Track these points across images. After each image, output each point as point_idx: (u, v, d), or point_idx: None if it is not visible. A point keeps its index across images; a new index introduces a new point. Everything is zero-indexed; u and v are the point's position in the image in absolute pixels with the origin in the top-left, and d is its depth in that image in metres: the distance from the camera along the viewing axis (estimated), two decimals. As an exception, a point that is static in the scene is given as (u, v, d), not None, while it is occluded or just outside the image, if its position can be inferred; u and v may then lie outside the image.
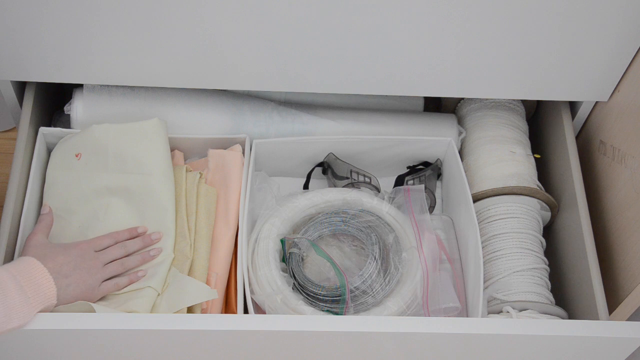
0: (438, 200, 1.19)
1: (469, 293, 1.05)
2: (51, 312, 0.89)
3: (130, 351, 0.93)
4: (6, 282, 0.83)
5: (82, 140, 1.06)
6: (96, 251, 0.96)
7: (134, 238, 1.00)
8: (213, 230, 1.05)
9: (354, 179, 1.14)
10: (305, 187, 1.18)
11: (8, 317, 0.82)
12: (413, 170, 1.19)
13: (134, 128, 1.05)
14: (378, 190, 1.15)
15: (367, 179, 1.15)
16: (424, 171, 1.17)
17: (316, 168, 1.18)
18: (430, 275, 1.03)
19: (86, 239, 0.99)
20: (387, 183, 1.18)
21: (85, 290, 0.92)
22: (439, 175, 1.20)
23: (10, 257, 0.98)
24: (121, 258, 0.97)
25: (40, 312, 0.86)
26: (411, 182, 1.15)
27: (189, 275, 1.00)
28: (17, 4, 0.94)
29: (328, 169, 1.16)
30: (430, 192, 1.15)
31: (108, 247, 0.97)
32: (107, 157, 1.04)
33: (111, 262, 0.96)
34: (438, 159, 1.18)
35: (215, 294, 0.96)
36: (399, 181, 1.16)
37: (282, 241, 1.05)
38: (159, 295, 0.97)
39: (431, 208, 1.17)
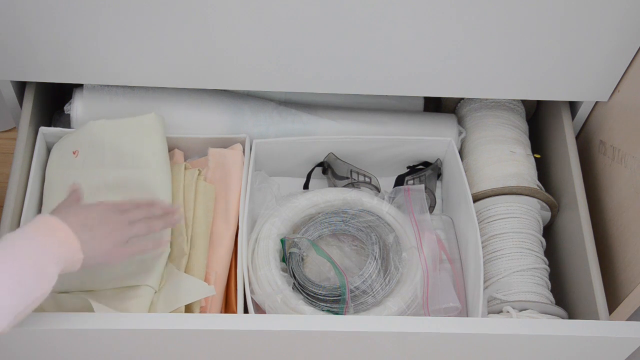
0: (438, 200, 1.19)
1: (469, 293, 1.05)
2: (47, 311, 0.87)
3: (130, 351, 0.93)
4: (26, 247, 0.78)
5: (79, 137, 1.06)
6: (119, 211, 0.91)
7: (153, 206, 0.95)
8: (213, 229, 1.05)
9: (354, 179, 1.14)
10: (305, 187, 1.18)
11: (39, 282, 0.77)
12: (413, 170, 1.19)
13: (130, 123, 1.05)
14: (378, 190, 1.15)
15: (367, 179, 1.15)
16: (424, 171, 1.17)
17: (316, 168, 1.18)
18: (430, 275, 1.03)
19: (110, 202, 0.93)
20: (387, 183, 1.18)
21: (111, 245, 0.87)
22: (439, 175, 1.20)
23: (10, 257, 0.98)
24: (147, 219, 0.92)
25: (66, 270, 0.82)
26: (411, 182, 1.15)
27: (186, 272, 1.00)
28: (17, 4, 0.94)
29: (328, 169, 1.16)
30: (430, 192, 1.15)
31: (131, 209, 0.92)
32: (104, 153, 1.04)
33: (136, 221, 0.91)
34: (438, 159, 1.18)
35: (212, 290, 0.96)
36: (399, 181, 1.16)
37: (282, 241, 1.05)
38: (155, 292, 0.97)
39: (431, 208, 1.17)
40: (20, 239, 0.79)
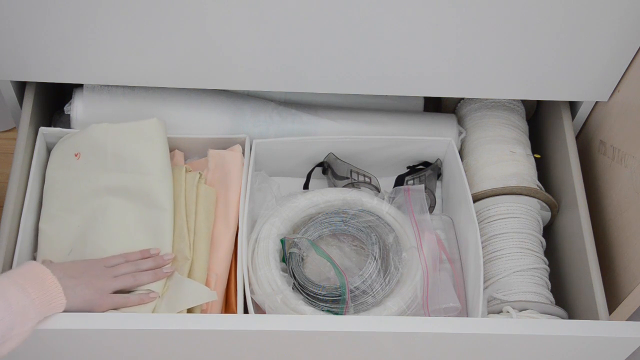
0: (438, 200, 1.19)
1: (469, 293, 1.05)
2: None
3: (131, 351, 0.93)
4: (8, 289, 0.82)
5: (81, 139, 1.06)
6: (107, 267, 0.95)
7: (146, 258, 0.98)
8: (213, 230, 1.05)
9: (354, 179, 1.14)
10: (305, 187, 1.18)
11: (14, 324, 0.80)
12: (413, 170, 1.19)
13: (132, 128, 1.05)
14: (378, 190, 1.15)
15: (367, 179, 1.15)
16: (424, 171, 1.17)
17: (316, 168, 1.18)
18: (430, 275, 1.03)
19: (98, 259, 0.98)
20: (387, 183, 1.18)
21: (94, 293, 0.91)
22: (439, 175, 1.20)
23: (10, 257, 0.98)
24: (134, 272, 0.96)
25: (48, 313, 0.85)
26: (411, 182, 1.15)
27: (188, 275, 1.00)
28: (17, 4, 0.94)
29: (328, 169, 1.16)
30: (430, 192, 1.15)
31: (119, 264, 0.96)
32: (106, 157, 1.04)
33: (122, 275, 0.95)
34: (438, 159, 1.18)
35: (214, 296, 0.96)
36: (399, 181, 1.16)
37: (282, 241, 1.05)
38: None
39: (431, 208, 1.17)
40: (6, 283, 0.83)
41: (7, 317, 0.80)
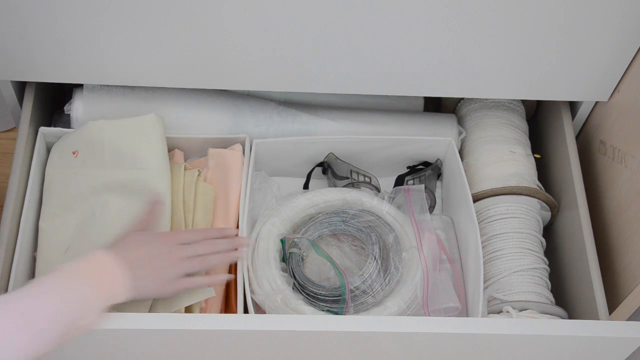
0: (438, 200, 1.19)
1: (469, 293, 1.05)
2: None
3: (130, 351, 0.93)
4: (73, 279, 0.81)
5: (79, 137, 1.06)
6: (181, 244, 0.92)
7: (223, 237, 0.97)
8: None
9: (354, 179, 1.14)
10: (305, 187, 1.18)
11: (80, 315, 0.79)
12: (413, 170, 1.19)
13: (130, 123, 1.05)
14: (378, 190, 1.15)
15: (367, 179, 1.15)
16: (424, 171, 1.17)
17: (316, 168, 1.18)
18: (430, 275, 1.03)
19: (174, 231, 0.97)
20: (387, 183, 1.18)
21: (162, 283, 0.89)
22: (439, 175, 1.20)
23: (10, 257, 0.98)
24: (205, 255, 0.94)
25: (112, 306, 0.84)
26: (411, 182, 1.15)
27: None
28: (17, 4, 0.94)
29: (328, 169, 1.16)
30: (430, 192, 1.15)
31: (195, 241, 0.94)
32: (104, 154, 1.04)
33: (194, 256, 0.93)
34: (438, 159, 1.18)
35: (212, 292, 0.96)
36: (399, 181, 1.16)
37: (282, 241, 1.05)
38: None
39: (431, 208, 1.17)
40: (73, 270, 0.82)
41: (74, 312, 0.79)
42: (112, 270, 0.84)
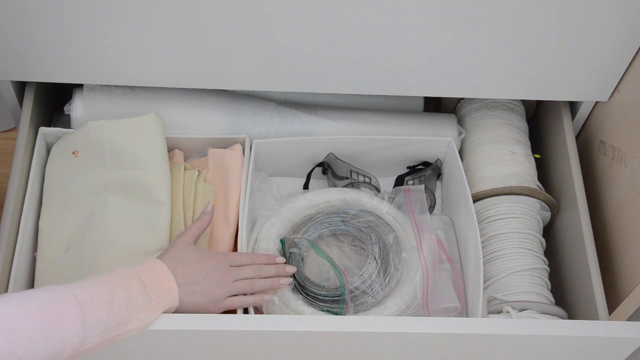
0: (438, 200, 1.19)
1: (469, 293, 1.05)
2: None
3: (130, 351, 0.93)
4: (131, 282, 0.83)
5: (79, 137, 1.06)
6: (231, 266, 0.95)
7: (270, 264, 0.99)
8: (212, 230, 1.05)
9: (354, 179, 1.14)
10: (305, 187, 1.18)
11: (129, 317, 0.81)
12: (413, 170, 1.19)
13: (130, 123, 1.05)
14: (378, 190, 1.15)
15: (367, 179, 1.15)
16: (424, 171, 1.17)
17: (316, 168, 1.18)
18: (430, 276, 1.03)
19: (224, 252, 0.99)
20: (387, 183, 1.18)
21: (209, 301, 0.91)
22: (439, 175, 1.20)
23: (10, 257, 0.98)
24: (252, 279, 0.96)
25: (158, 315, 0.86)
26: (411, 182, 1.15)
27: None
28: (17, 4, 0.94)
29: (328, 169, 1.16)
30: (430, 192, 1.15)
31: (243, 265, 0.96)
32: (103, 153, 1.04)
33: (242, 279, 0.95)
34: (438, 159, 1.18)
35: None
36: (399, 181, 1.16)
37: (282, 241, 1.05)
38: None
39: (431, 208, 1.17)
40: (131, 277, 0.84)
41: (125, 311, 0.81)
42: (168, 285, 0.87)
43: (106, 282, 0.81)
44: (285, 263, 1.00)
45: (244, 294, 0.96)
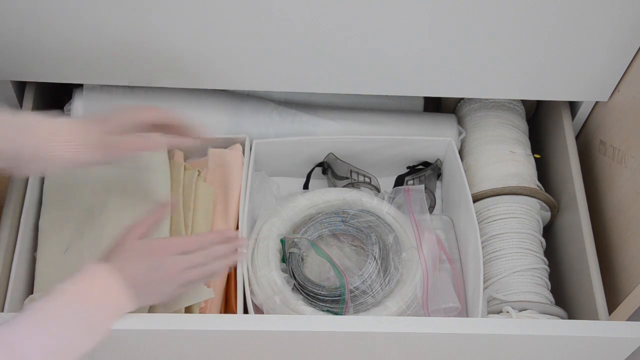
0: (438, 200, 1.19)
1: (469, 293, 1.05)
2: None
3: (130, 351, 0.93)
4: (72, 307, 0.79)
5: None
6: (180, 253, 0.88)
7: (222, 241, 0.93)
8: (212, 229, 1.05)
9: (354, 179, 1.14)
10: (305, 187, 1.18)
11: (80, 344, 0.79)
12: (413, 170, 1.19)
13: None
14: (378, 190, 1.15)
15: (367, 179, 1.15)
16: (424, 171, 1.17)
17: (316, 168, 1.18)
18: (430, 276, 1.03)
19: (173, 238, 0.93)
20: (387, 183, 1.18)
21: (162, 296, 0.88)
22: (439, 175, 1.20)
23: (10, 257, 0.98)
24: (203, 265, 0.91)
25: (115, 319, 0.84)
26: (411, 182, 1.15)
27: None
28: (17, 4, 0.94)
29: (328, 169, 1.16)
30: (430, 192, 1.15)
31: (194, 249, 0.89)
32: None
33: (192, 267, 0.89)
34: (438, 159, 1.18)
35: (211, 293, 0.96)
36: (399, 181, 1.16)
37: (282, 241, 1.05)
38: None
39: (431, 208, 1.17)
40: (72, 296, 0.79)
41: (73, 334, 0.78)
42: (115, 291, 0.82)
43: (45, 315, 0.77)
44: (237, 237, 0.95)
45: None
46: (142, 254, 0.87)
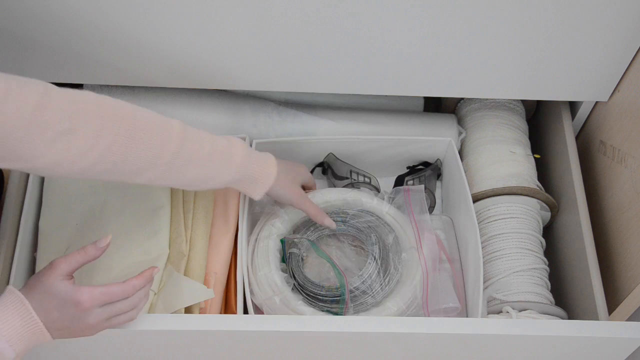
0: (438, 200, 1.19)
1: (468, 293, 1.05)
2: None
3: (130, 351, 0.93)
4: None
5: None
6: (101, 305, 0.82)
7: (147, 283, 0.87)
8: (212, 230, 1.05)
9: (354, 179, 1.14)
10: (305, 187, 1.18)
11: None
12: (413, 170, 1.19)
13: None
14: (378, 190, 1.15)
15: (367, 179, 1.15)
16: (424, 171, 1.17)
17: (316, 168, 1.18)
18: (430, 276, 1.03)
19: (97, 288, 0.82)
20: (387, 183, 1.18)
21: (83, 336, 0.84)
22: (439, 176, 1.20)
23: (10, 257, 0.98)
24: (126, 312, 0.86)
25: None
26: (411, 182, 1.15)
27: (186, 273, 1.00)
28: (17, 4, 0.94)
29: (328, 169, 1.16)
30: (430, 193, 1.15)
31: (117, 299, 0.83)
32: None
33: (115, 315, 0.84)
34: (438, 159, 1.18)
35: (211, 294, 0.96)
36: (399, 181, 1.16)
37: (282, 241, 1.05)
38: (155, 294, 0.97)
39: (431, 208, 1.17)
40: None
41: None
42: (29, 335, 0.79)
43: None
44: (153, 272, 0.88)
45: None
46: (65, 303, 0.81)
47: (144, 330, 0.87)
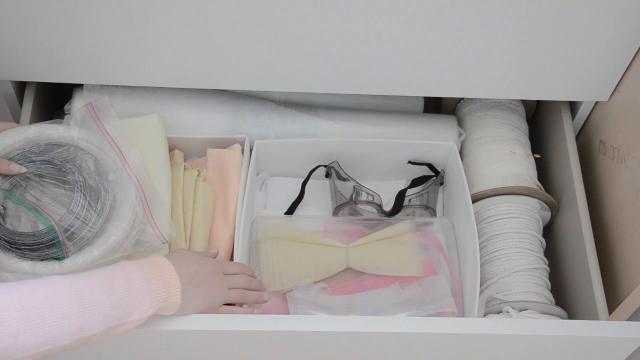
0: (438, 204, 1.18)
1: (465, 295, 1.05)
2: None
3: (130, 351, 0.93)
4: (131, 272, 0.82)
5: None
6: (224, 274, 0.95)
7: (255, 277, 1.00)
8: (212, 230, 1.05)
9: (357, 191, 1.13)
10: (304, 184, 1.17)
11: (132, 306, 0.80)
12: (414, 184, 1.17)
13: (132, 123, 1.05)
14: (381, 208, 1.13)
15: (370, 197, 1.13)
16: (426, 186, 1.15)
17: (319, 171, 1.17)
18: (146, 190, 0.99)
19: (218, 259, 0.99)
20: (388, 187, 1.17)
21: (208, 305, 0.90)
22: (441, 183, 1.19)
23: (10, 257, 0.98)
24: (243, 289, 0.96)
25: (160, 311, 0.85)
26: (414, 199, 1.14)
27: None
28: (17, 4, 0.94)
29: (331, 173, 1.15)
30: (431, 209, 1.14)
31: (234, 273, 0.97)
32: None
33: (234, 288, 0.95)
34: (443, 170, 1.17)
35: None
36: (400, 196, 1.13)
37: None
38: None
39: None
40: (132, 268, 0.83)
41: (127, 300, 0.80)
42: (172, 281, 0.85)
43: (104, 271, 0.81)
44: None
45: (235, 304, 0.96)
46: (197, 260, 0.91)
47: (144, 330, 0.87)
